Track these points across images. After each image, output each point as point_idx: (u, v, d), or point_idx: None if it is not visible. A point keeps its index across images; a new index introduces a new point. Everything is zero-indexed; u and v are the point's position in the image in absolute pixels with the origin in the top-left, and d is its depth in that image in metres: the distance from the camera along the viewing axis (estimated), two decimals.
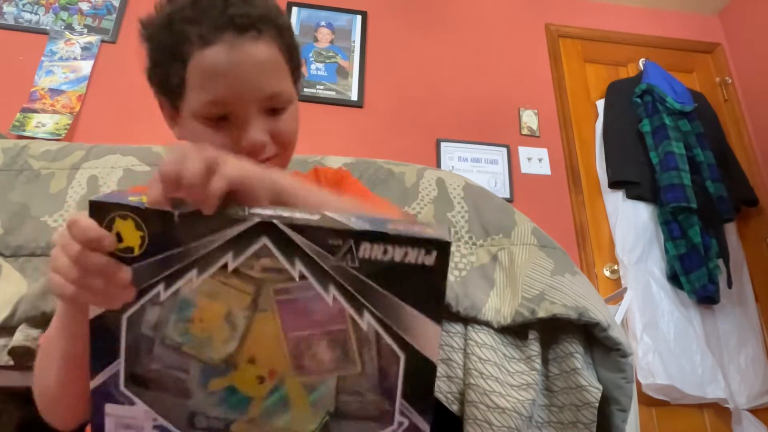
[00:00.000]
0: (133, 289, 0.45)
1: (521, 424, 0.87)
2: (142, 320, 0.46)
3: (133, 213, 0.44)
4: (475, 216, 1.06)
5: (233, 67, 0.64)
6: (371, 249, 0.42)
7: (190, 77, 0.65)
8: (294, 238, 0.43)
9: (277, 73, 0.68)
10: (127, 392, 0.47)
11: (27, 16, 2.21)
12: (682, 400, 1.95)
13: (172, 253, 0.45)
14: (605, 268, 2.20)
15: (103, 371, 0.47)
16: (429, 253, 0.41)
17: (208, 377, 0.46)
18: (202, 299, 0.45)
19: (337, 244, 0.42)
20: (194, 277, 0.45)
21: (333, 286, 0.43)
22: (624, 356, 0.90)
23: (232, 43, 0.64)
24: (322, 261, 0.43)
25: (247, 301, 0.45)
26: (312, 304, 0.44)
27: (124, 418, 0.48)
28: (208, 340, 0.46)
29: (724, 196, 2.21)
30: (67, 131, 1.97)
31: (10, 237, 0.97)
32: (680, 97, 2.36)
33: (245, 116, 0.66)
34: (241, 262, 0.44)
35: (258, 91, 0.66)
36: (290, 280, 0.44)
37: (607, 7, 2.77)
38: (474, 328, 0.94)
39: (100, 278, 0.44)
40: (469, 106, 2.41)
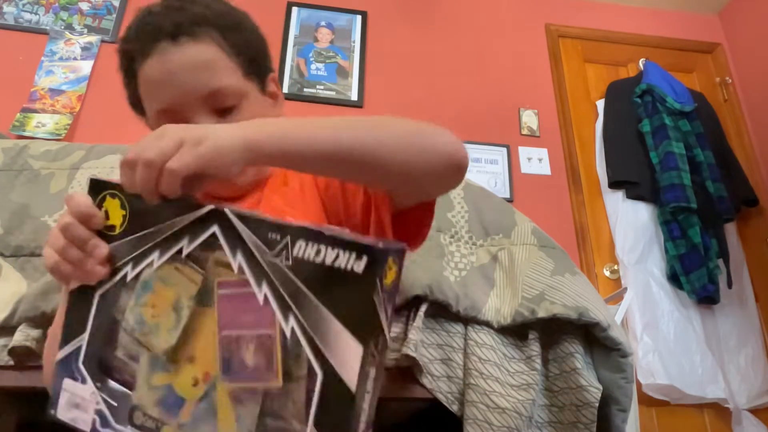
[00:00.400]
0: (108, 267, 0.48)
1: (521, 424, 0.87)
2: (114, 302, 0.49)
3: (120, 192, 0.49)
4: (475, 216, 1.06)
5: (166, 73, 0.65)
6: (306, 247, 0.40)
7: (141, 92, 0.69)
8: (239, 227, 0.44)
9: (215, 69, 0.67)
10: (83, 369, 0.49)
11: (27, 16, 2.21)
12: (682, 400, 1.95)
13: (142, 233, 0.48)
14: (605, 268, 2.20)
15: (69, 344, 0.50)
16: (359, 258, 0.38)
17: (153, 370, 0.46)
18: (158, 284, 0.47)
19: (275, 238, 0.42)
20: (155, 259, 0.47)
21: (266, 283, 0.42)
22: (624, 356, 0.90)
23: (165, 51, 0.65)
24: (260, 255, 0.42)
25: (193, 290, 0.45)
26: (246, 302, 0.43)
27: (76, 396, 0.49)
28: (156, 327, 0.46)
29: (724, 196, 2.21)
30: (67, 131, 1.97)
31: (10, 237, 0.97)
32: (680, 97, 2.36)
33: (189, 119, 0.66)
34: (194, 248, 0.46)
35: (196, 91, 0.66)
36: (233, 274, 0.44)
37: (607, 7, 2.77)
38: (474, 328, 0.94)
39: (79, 250, 0.48)
40: (469, 106, 2.41)
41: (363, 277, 0.38)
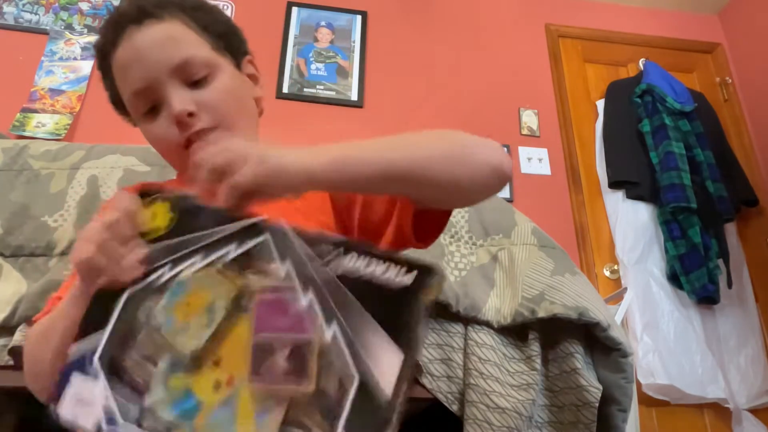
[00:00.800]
0: (142, 268, 0.49)
1: (521, 424, 0.87)
2: (141, 304, 0.48)
3: (171, 195, 0.51)
4: (475, 216, 1.06)
5: (134, 54, 0.66)
6: (357, 259, 0.43)
7: (117, 83, 0.69)
8: (291, 236, 0.46)
9: (182, 42, 0.67)
10: (97, 365, 0.48)
11: (27, 16, 2.21)
12: (682, 400, 1.95)
13: (186, 238, 0.49)
14: (605, 268, 2.20)
15: (86, 338, 0.49)
16: (409, 272, 0.41)
17: (173, 371, 0.46)
18: (195, 284, 0.48)
19: (328, 249, 0.44)
20: (198, 261, 0.48)
21: (312, 289, 0.43)
22: (624, 356, 0.90)
23: (131, 35, 0.66)
24: (311, 262, 0.44)
25: (232, 293, 0.46)
26: (287, 306, 0.44)
27: (83, 391, 0.48)
28: (185, 326, 0.46)
29: (724, 196, 2.21)
30: (67, 131, 1.97)
31: (10, 237, 0.97)
32: (680, 97, 2.36)
33: (165, 94, 0.66)
34: (242, 252, 0.47)
35: (163, 66, 0.65)
36: (276, 279, 0.45)
37: (607, 7, 2.77)
38: (474, 328, 0.94)
39: (120, 247, 0.48)
40: (469, 106, 2.40)
41: (410, 289, 0.40)
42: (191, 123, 0.66)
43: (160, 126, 0.67)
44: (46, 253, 0.96)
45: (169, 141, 0.67)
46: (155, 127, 0.67)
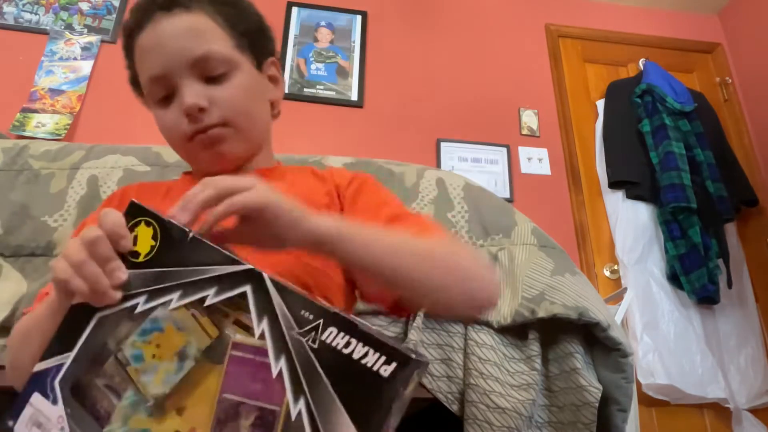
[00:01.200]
0: (120, 293, 0.46)
1: (521, 424, 0.87)
2: (112, 329, 0.46)
3: (157, 222, 0.47)
4: (475, 216, 1.06)
5: (157, 40, 0.67)
6: (336, 336, 0.40)
7: (137, 65, 0.71)
8: (272, 295, 0.43)
9: (204, 36, 0.68)
10: (57, 389, 0.46)
11: (27, 16, 2.21)
12: (682, 400, 1.95)
13: (167, 270, 0.46)
14: (605, 268, 2.20)
15: (51, 358, 0.47)
16: (388, 363, 0.38)
17: (134, 411, 0.44)
18: (169, 325, 0.45)
19: (307, 317, 0.41)
20: (174, 299, 0.45)
21: (285, 358, 0.41)
22: (624, 356, 0.90)
23: (159, 20, 0.67)
24: (287, 328, 0.42)
25: (205, 342, 0.44)
26: (258, 370, 0.42)
27: (40, 415, 0.45)
28: (153, 368, 0.44)
29: (724, 196, 2.21)
30: (67, 131, 1.97)
31: (10, 237, 0.97)
32: (680, 97, 2.36)
33: (180, 85, 0.67)
34: (219, 301, 0.44)
35: (183, 57, 0.66)
36: (251, 338, 0.43)
37: (607, 7, 2.77)
38: (474, 328, 0.94)
39: (98, 268, 0.45)
40: (469, 106, 2.41)
41: (387, 381, 0.38)
42: (200, 118, 0.67)
43: (171, 115, 0.68)
44: (46, 253, 0.96)
45: (178, 131, 0.68)
46: (166, 115, 0.69)
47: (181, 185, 0.77)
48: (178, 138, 0.70)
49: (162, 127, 0.71)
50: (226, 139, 0.69)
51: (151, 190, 0.77)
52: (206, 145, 0.69)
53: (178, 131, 0.68)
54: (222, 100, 0.68)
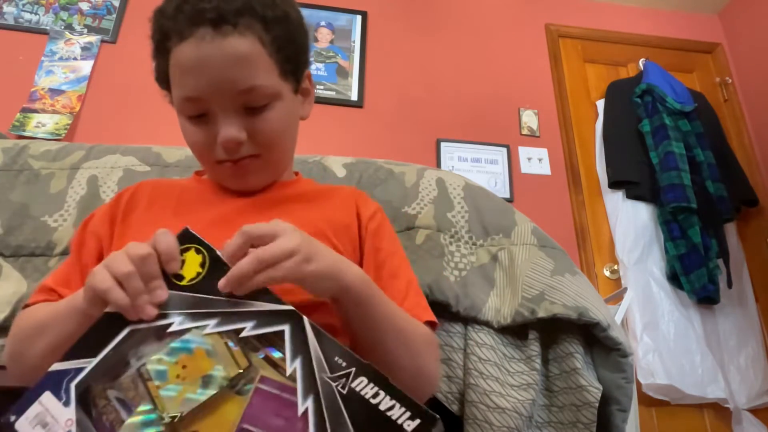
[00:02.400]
0: (156, 311, 0.48)
1: (521, 424, 0.87)
2: (137, 344, 0.47)
3: (208, 253, 0.50)
4: (475, 216, 1.06)
5: (202, 62, 0.62)
6: (366, 385, 0.43)
7: (171, 73, 0.66)
8: (309, 337, 0.46)
9: (253, 67, 0.64)
10: (72, 392, 0.46)
11: (27, 16, 2.21)
12: (682, 400, 1.95)
13: (208, 297, 0.48)
14: (605, 268, 2.20)
15: (73, 360, 0.47)
16: (412, 419, 0.41)
17: (145, 427, 0.44)
18: (200, 349, 0.46)
19: (340, 364, 0.44)
20: (211, 325, 0.47)
21: (312, 398, 0.43)
22: (624, 356, 0.90)
23: (203, 38, 0.62)
24: (319, 371, 0.44)
25: (234, 371, 0.45)
26: (283, 407, 0.43)
27: (47, 414, 0.45)
28: (175, 387, 0.45)
29: (724, 196, 2.21)
30: (67, 131, 1.97)
31: (10, 237, 0.97)
32: (680, 97, 2.35)
33: (220, 114, 0.65)
34: (255, 335, 0.46)
35: (230, 87, 0.63)
36: (280, 376, 0.44)
37: (607, 7, 2.77)
38: (474, 328, 0.94)
39: (142, 283, 0.47)
40: (469, 106, 2.41)
41: None
42: (236, 150, 0.66)
43: (201, 135, 0.67)
44: (46, 253, 0.96)
45: (206, 151, 0.68)
46: (196, 134, 0.67)
47: (195, 186, 0.78)
48: (204, 156, 0.69)
49: (187, 140, 0.69)
50: (255, 171, 0.70)
51: (165, 191, 0.76)
52: (234, 174, 0.69)
53: (206, 152, 0.68)
54: (260, 134, 0.67)
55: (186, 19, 0.63)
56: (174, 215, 0.71)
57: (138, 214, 0.72)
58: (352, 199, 0.78)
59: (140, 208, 0.73)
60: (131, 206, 0.74)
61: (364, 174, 1.11)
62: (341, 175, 1.11)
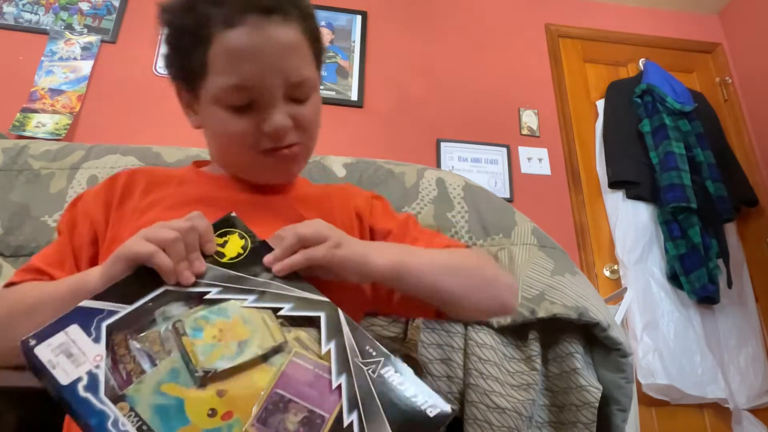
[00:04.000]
0: (193, 278, 0.50)
1: (521, 424, 0.87)
2: (166, 303, 0.49)
3: (251, 238, 0.55)
4: (475, 216, 1.06)
5: (259, 49, 0.62)
6: (393, 374, 0.47)
7: (213, 60, 0.64)
8: (344, 326, 0.50)
9: (301, 58, 0.67)
10: (104, 331, 0.46)
11: (27, 16, 2.21)
12: (682, 400, 1.95)
13: (247, 276, 0.52)
14: (605, 268, 2.20)
15: (107, 301, 0.48)
16: (434, 407, 0.45)
17: (171, 378, 0.45)
18: (238, 317, 0.49)
19: (371, 352, 0.48)
20: (250, 300, 0.51)
21: (345, 376, 0.47)
22: (624, 356, 0.90)
23: (258, 25, 0.62)
24: (351, 355, 0.48)
25: (269, 344, 0.48)
26: (317, 379, 0.46)
27: (73, 346, 0.45)
28: (210, 347, 0.47)
29: (724, 196, 2.21)
30: (67, 131, 1.97)
31: (10, 237, 0.97)
32: (680, 97, 2.35)
33: (269, 101, 0.65)
34: (293, 315, 0.50)
35: (283, 76, 0.64)
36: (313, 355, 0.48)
37: (607, 7, 2.77)
38: (474, 328, 0.94)
39: (184, 249, 0.50)
40: (469, 106, 2.41)
41: (431, 420, 0.45)
42: (283, 137, 0.67)
43: (244, 124, 0.65)
44: None
45: (246, 141, 0.67)
46: (237, 123, 0.65)
47: (194, 178, 0.77)
48: (245, 147, 0.67)
49: (223, 131, 0.68)
50: (299, 159, 0.72)
51: (163, 178, 0.75)
52: (281, 161, 0.69)
53: (247, 142, 0.67)
54: (303, 122, 0.68)
55: (236, 5, 0.63)
56: (171, 207, 0.69)
57: (134, 201, 0.71)
58: (347, 198, 0.80)
59: (136, 196, 0.72)
60: (127, 192, 0.72)
61: (364, 174, 1.11)
62: (341, 175, 1.11)
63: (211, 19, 0.63)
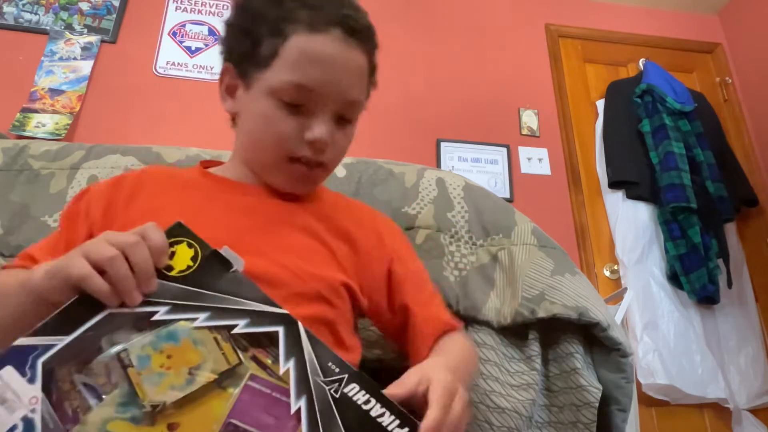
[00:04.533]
0: (140, 298, 0.46)
1: (521, 425, 0.87)
2: (113, 329, 0.44)
3: (201, 247, 0.49)
4: (475, 216, 1.06)
5: (333, 60, 0.65)
6: (358, 392, 0.43)
7: (284, 55, 0.65)
8: (304, 341, 0.46)
9: (362, 83, 0.71)
10: (39, 369, 0.42)
11: (27, 16, 2.21)
12: (682, 400, 1.95)
13: (199, 291, 0.47)
14: (605, 268, 2.20)
15: (43, 336, 0.44)
16: (401, 427, 0.42)
17: (117, 414, 0.42)
18: (187, 341, 0.45)
19: (333, 369, 0.45)
20: (201, 319, 0.46)
21: (305, 398, 0.43)
22: (624, 356, 0.90)
23: (339, 39, 0.66)
24: (312, 374, 0.44)
25: (223, 367, 0.44)
26: (273, 405, 0.43)
27: (7, 389, 0.41)
28: (158, 377, 0.43)
29: (724, 196, 2.21)
30: (67, 131, 1.97)
31: (10, 237, 0.97)
32: (680, 97, 2.35)
33: (320, 110, 0.66)
34: (247, 333, 0.46)
35: (343, 92, 0.67)
36: (271, 376, 0.44)
37: (607, 7, 2.77)
38: (474, 328, 0.94)
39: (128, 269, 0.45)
40: (469, 106, 2.40)
41: None
42: (320, 151, 0.68)
43: (290, 123, 0.66)
44: None
45: (286, 141, 0.67)
46: (284, 121, 0.66)
47: (202, 181, 0.75)
48: (281, 147, 0.68)
49: (268, 124, 0.67)
50: (318, 180, 0.74)
51: (169, 181, 0.75)
52: (301, 177, 0.70)
53: (286, 143, 0.67)
54: (337, 146, 0.70)
55: (325, 16, 0.66)
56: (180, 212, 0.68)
57: (140, 203, 0.70)
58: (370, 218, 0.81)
59: (142, 199, 0.71)
60: (133, 195, 0.71)
61: (364, 174, 1.11)
62: (341, 175, 1.11)
63: (297, 18, 0.65)
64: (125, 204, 0.70)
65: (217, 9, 2.38)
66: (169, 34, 2.27)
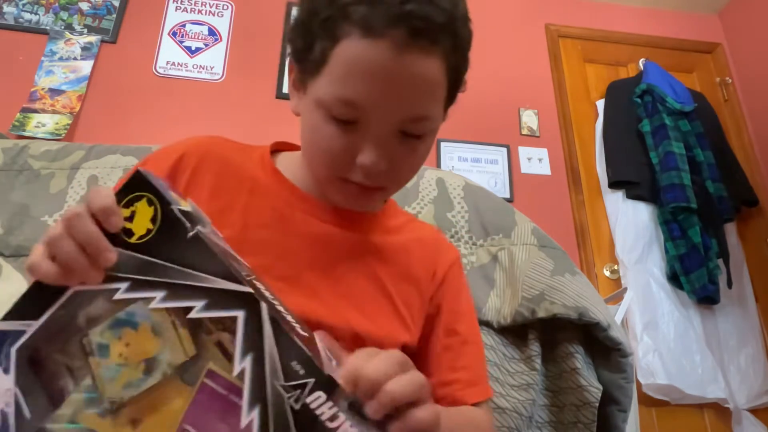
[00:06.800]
0: (102, 275, 0.40)
1: (521, 424, 0.87)
2: (85, 304, 0.40)
3: (162, 204, 0.40)
4: (475, 216, 1.06)
5: (387, 74, 0.53)
6: (323, 403, 0.35)
7: (333, 62, 0.54)
8: (266, 332, 0.37)
9: (432, 96, 0.57)
10: (13, 356, 0.40)
11: (27, 16, 2.21)
12: (682, 400, 1.95)
13: (156, 262, 0.40)
14: (605, 268, 2.20)
15: (12, 321, 0.40)
16: None
17: (87, 406, 0.39)
18: (145, 325, 0.39)
19: (298, 371, 0.36)
20: (157, 299, 0.39)
21: (259, 409, 0.36)
22: (624, 356, 0.90)
23: (398, 46, 0.52)
24: (270, 375, 0.36)
25: (180, 359, 0.38)
26: (228, 410, 0.37)
27: None
28: (116, 368, 0.39)
29: (724, 196, 2.21)
30: (67, 131, 1.97)
31: (10, 237, 0.97)
32: (680, 97, 2.35)
33: (375, 130, 0.55)
34: (205, 317, 0.38)
35: (403, 110, 0.55)
36: (228, 372, 0.37)
37: (607, 7, 2.77)
38: None
39: (74, 246, 0.39)
40: (469, 106, 2.40)
41: None
42: (370, 178, 0.58)
43: (341, 141, 0.56)
44: None
45: (336, 163, 0.58)
46: (334, 139, 0.57)
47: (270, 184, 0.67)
48: (331, 167, 0.59)
49: (314, 139, 0.59)
50: (373, 200, 0.64)
51: (236, 174, 0.66)
52: (354, 198, 0.61)
53: (336, 163, 0.58)
54: (400, 169, 0.60)
55: (384, 13, 0.51)
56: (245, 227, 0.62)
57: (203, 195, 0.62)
58: (429, 258, 0.73)
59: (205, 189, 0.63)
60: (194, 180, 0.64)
61: None
62: None
63: (350, 15, 0.52)
64: (185, 188, 0.63)
65: (217, 9, 2.38)
66: (169, 34, 2.27)
